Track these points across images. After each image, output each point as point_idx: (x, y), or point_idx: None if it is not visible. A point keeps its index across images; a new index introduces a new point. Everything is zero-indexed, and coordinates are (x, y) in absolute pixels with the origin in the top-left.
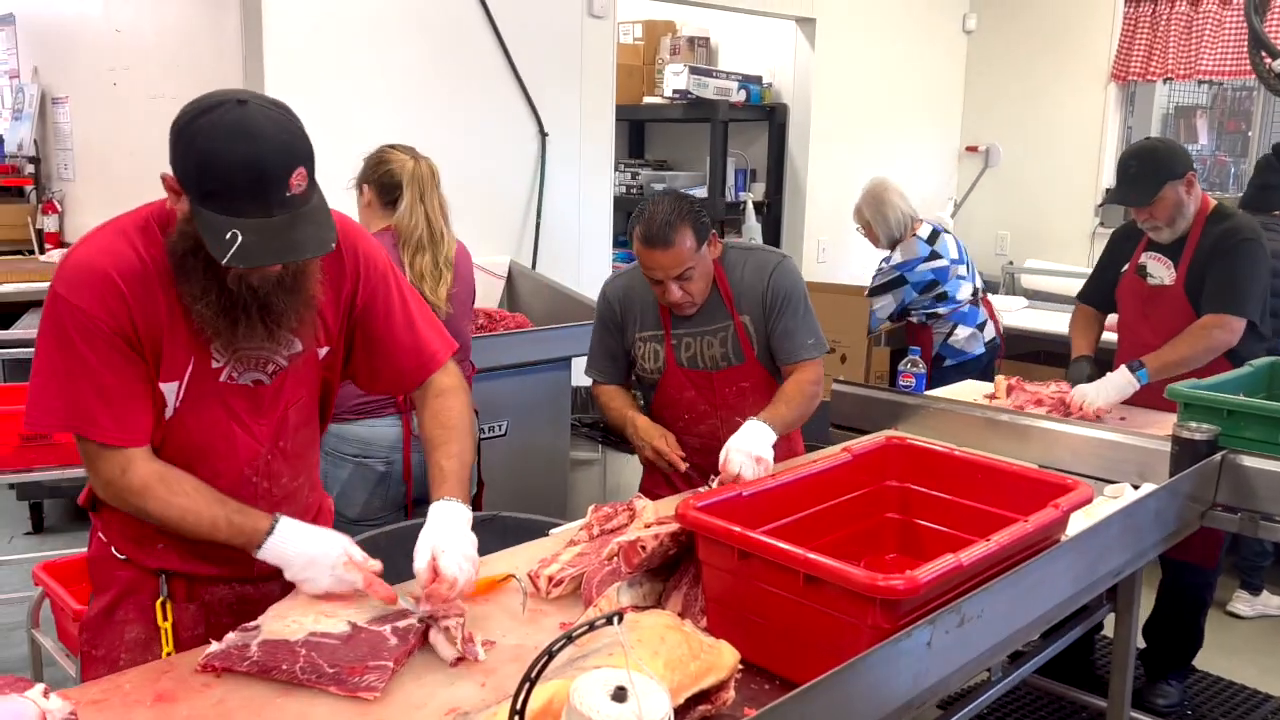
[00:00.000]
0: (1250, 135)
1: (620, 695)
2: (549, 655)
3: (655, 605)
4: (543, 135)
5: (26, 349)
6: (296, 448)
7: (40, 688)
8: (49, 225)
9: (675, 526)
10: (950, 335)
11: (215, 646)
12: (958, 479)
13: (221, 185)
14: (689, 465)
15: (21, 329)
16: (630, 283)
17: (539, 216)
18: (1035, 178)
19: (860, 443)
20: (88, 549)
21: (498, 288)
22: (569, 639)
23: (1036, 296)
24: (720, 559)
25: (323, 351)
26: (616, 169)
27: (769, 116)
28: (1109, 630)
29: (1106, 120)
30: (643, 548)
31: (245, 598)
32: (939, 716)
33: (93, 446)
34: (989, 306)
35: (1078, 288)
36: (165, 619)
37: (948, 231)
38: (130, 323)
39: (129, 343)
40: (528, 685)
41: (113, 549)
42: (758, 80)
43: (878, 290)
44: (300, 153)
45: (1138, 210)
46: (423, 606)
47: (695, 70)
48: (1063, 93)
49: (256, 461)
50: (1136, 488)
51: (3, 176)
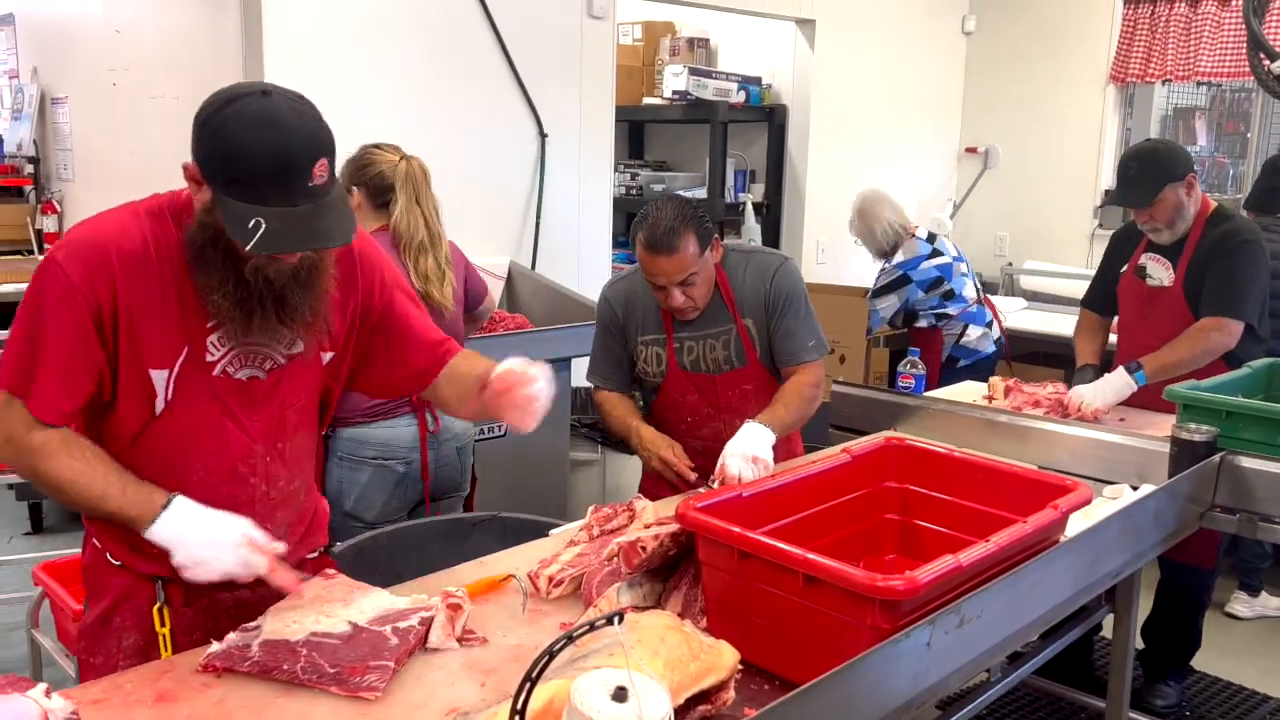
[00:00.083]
0: (1249, 137)
1: (621, 695)
2: (549, 655)
3: (655, 606)
4: (542, 136)
5: None
6: (295, 451)
7: (42, 687)
8: (48, 225)
9: (675, 527)
10: (963, 336)
11: (216, 646)
12: (957, 480)
13: (247, 174)
14: (697, 475)
15: None
16: (631, 286)
17: (538, 217)
18: (1034, 179)
19: (860, 443)
20: (82, 555)
21: (497, 288)
22: (569, 639)
23: (1035, 298)
24: (720, 559)
25: (327, 357)
26: (616, 170)
27: (768, 117)
28: (1108, 631)
29: (1105, 122)
30: (643, 548)
31: (243, 601)
32: (938, 717)
33: (15, 404)
34: (991, 306)
35: (1077, 289)
36: (162, 625)
37: (945, 237)
38: (113, 302)
39: (99, 324)
40: (528, 685)
41: (108, 555)
42: (757, 81)
43: (881, 291)
44: (323, 143)
45: (1138, 212)
46: None
47: (695, 71)
48: (1062, 94)
49: (250, 459)
50: (1135, 489)
51: (2, 176)
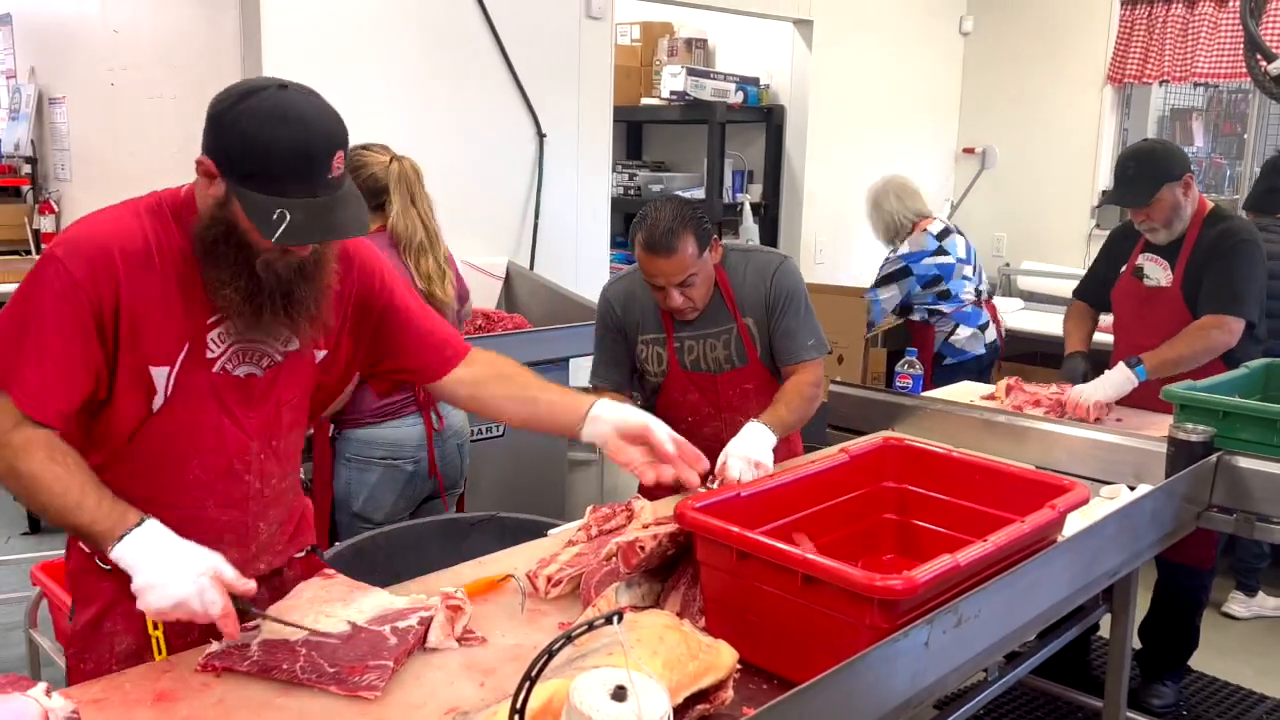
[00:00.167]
0: (1245, 138)
1: (620, 694)
2: (548, 655)
3: (654, 605)
4: (540, 136)
5: None
6: (288, 448)
7: (42, 686)
8: (45, 225)
9: (673, 527)
10: (952, 334)
11: (215, 646)
12: (955, 480)
13: (269, 166)
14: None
15: None
16: (630, 286)
17: (537, 217)
18: (1031, 180)
19: (858, 443)
20: (67, 561)
21: (495, 289)
22: (568, 639)
23: (1033, 298)
24: (719, 559)
25: (320, 355)
26: (614, 170)
27: (766, 118)
28: (1105, 631)
29: (1102, 122)
30: (641, 548)
31: None
32: (935, 716)
33: (4, 400)
34: (992, 309)
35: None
36: (156, 627)
37: (960, 233)
38: (115, 300)
39: (101, 323)
40: (528, 684)
41: (96, 559)
42: (755, 82)
43: (884, 281)
44: (340, 136)
45: (1135, 212)
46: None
47: (693, 72)
48: (1059, 95)
49: (246, 456)
50: (1133, 489)
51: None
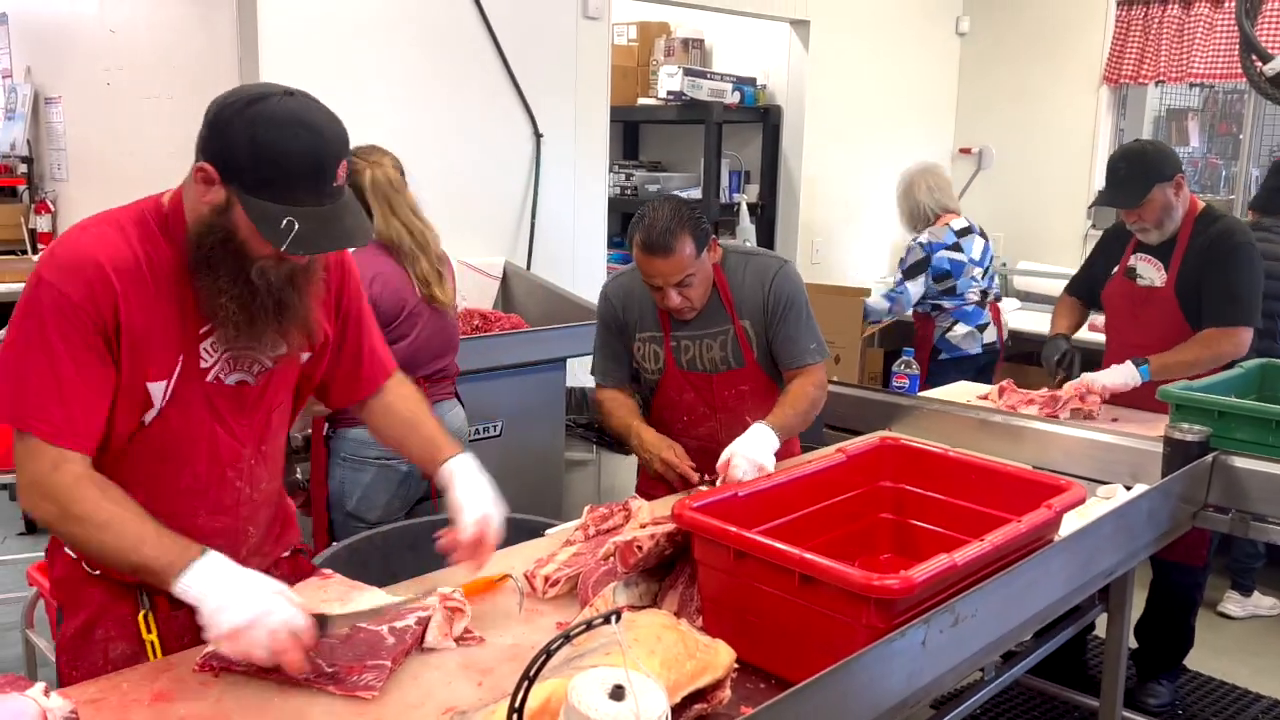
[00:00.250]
0: (1241, 138)
1: (618, 694)
2: (546, 654)
3: (651, 605)
4: (537, 136)
5: None
6: (274, 451)
7: (41, 686)
8: (42, 225)
9: (671, 526)
10: (949, 330)
11: (213, 645)
12: (952, 479)
13: (281, 174)
14: (699, 475)
15: None
16: (630, 284)
17: (534, 217)
18: (1028, 180)
19: (855, 443)
20: (51, 569)
21: (492, 288)
22: (566, 638)
23: (1029, 298)
24: (716, 559)
25: (304, 357)
26: (611, 170)
27: (763, 118)
28: (1101, 630)
29: (1099, 123)
30: (639, 548)
31: None
32: (932, 716)
33: (31, 441)
34: (996, 312)
35: None
36: (149, 631)
37: (982, 235)
38: (115, 318)
39: (106, 341)
40: (526, 684)
41: (84, 565)
42: (752, 82)
43: (911, 271)
44: (345, 144)
45: (1126, 212)
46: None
47: (689, 72)
48: (1055, 95)
49: (239, 463)
50: (1129, 488)
51: None
